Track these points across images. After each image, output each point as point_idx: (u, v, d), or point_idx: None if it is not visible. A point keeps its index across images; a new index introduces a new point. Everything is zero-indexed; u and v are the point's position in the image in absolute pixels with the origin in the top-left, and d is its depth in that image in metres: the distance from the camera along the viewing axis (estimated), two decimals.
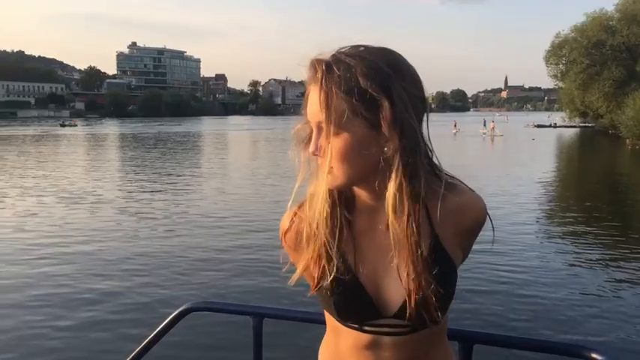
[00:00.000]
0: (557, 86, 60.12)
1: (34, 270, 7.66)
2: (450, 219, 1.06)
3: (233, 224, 10.68)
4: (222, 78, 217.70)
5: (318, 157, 1.02)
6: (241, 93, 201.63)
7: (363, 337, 1.08)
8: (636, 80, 44.57)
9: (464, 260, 1.14)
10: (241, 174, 20.19)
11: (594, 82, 48.29)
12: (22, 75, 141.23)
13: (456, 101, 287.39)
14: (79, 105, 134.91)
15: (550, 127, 68.60)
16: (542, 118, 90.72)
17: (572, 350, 1.37)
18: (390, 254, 1.04)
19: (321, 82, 0.97)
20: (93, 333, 5.58)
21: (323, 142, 1.00)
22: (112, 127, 71.87)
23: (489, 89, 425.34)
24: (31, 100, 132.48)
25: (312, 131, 1.03)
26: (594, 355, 1.30)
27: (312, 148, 1.01)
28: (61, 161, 25.67)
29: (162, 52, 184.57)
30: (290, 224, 1.12)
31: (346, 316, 1.07)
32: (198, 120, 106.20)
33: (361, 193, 1.07)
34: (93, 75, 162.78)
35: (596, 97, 47.84)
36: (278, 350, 4.37)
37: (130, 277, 7.34)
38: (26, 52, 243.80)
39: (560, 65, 53.76)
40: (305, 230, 1.08)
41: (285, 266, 1.13)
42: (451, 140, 41.14)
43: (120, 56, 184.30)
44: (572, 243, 9.63)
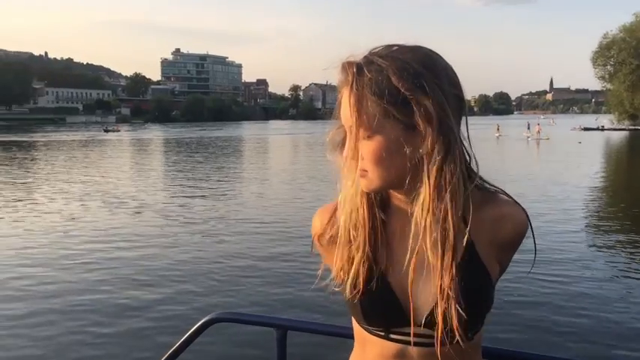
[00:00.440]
0: (605, 88, 58.54)
1: (73, 275, 7.80)
2: (488, 228, 1.01)
3: (270, 231, 10.68)
4: (263, 83, 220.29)
5: (353, 161, 0.98)
6: (282, 97, 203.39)
7: (389, 347, 1.04)
8: None
9: (501, 274, 1.08)
10: (281, 178, 20.28)
11: None
12: (70, 82, 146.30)
13: (499, 104, 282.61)
14: (124, 111, 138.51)
15: (597, 130, 66.48)
16: (590, 120, 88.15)
17: None
18: (423, 259, 0.99)
19: (352, 85, 0.95)
20: (121, 340, 5.64)
21: (357, 145, 0.97)
22: (154, 132, 73.51)
23: (534, 91, 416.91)
24: (79, 106, 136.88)
25: (346, 135, 1.01)
26: None
27: (345, 152, 0.99)
28: (105, 166, 26.34)
29: (204, 58, 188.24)
30: (323, 225, 1.10)
31: (372, 320, 1.04)
32: (239, 125, 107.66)
33: (395, 194, 1.04)
34: (138, 81, 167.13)
35: None
36: None
37: (162, 284, 7.39)
38: (75, 60, 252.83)
39: (608, 66, 52.40)
40: (339, 232, 1.06)
41: (319, 271, 1.10)
42: (494, 144, 40.43)
43: (164, 63, 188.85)
44: (621, 253, 9.24)
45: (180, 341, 1.68)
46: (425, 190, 0.95)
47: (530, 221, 1.05)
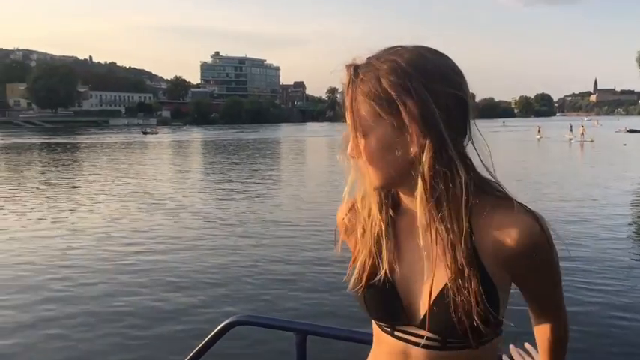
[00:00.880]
0: None
1: (109, 276, 7.94)
2: (494, 235, 0.98)
3: (305, 234, 10.65)
4: (300, 85, 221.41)
5: (360, 160, 1.02)
6: (319, 100, 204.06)
7: (395, 345, 1.06)
8: None
9: (525, 287, 1.06)
10: (317, 181, 20.23)
11: None
12: (113, 85, 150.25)
13: (541, 105, 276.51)
14: (165, 113, 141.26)
15: None
16: (635, 122, 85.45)
17: None
18: (423, 258, 1.02)
19: (348, 86, 0.99)
20: (146, 341, 5.69)
21: (356, 145, 1.01)
22: (192, 135, 74.74)
23: (577, 93, 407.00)
24: (122, 109, 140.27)
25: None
26: None
27: (348, 150, 1.03)
28: (145, 167, 26.88)
29: (243, 61, 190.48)
30: (342, 217, 1.15)
31: (376, 315, 1.08)
32: (276, 127, 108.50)
33: (403, 193, 1.06)
34: (178, 84, 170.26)
35: None
36: None
37: (193, 287, 7.43)
38: (118, 64, 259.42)
39: None
40: (355, 226, 1.11)
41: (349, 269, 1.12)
42: (534, 146, 39.65)
43: (203, 66, 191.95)
44: None
45: (202, 343, 1.71)
46: (419, 190, 0.96)
47: (547, 231, 0.98)
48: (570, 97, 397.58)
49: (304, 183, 20.41)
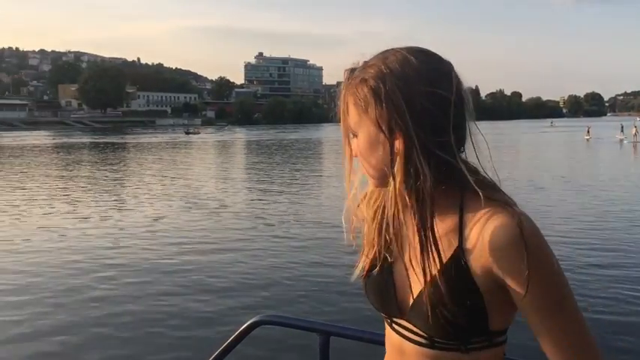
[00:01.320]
0: None
1: (149, 276, 8.07)
2: (475, 237, 0.96)
3: (338, 235, 10.57)
4: None
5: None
6: None
7: (393, 338, 1.09)
8: None
9: (519, 293, 0.94)
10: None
11: None
12: (160, 86, 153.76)
13: (591, 105, 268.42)
14: (209, 113, 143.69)
15: None
16: None
17: None
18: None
19: (343, 89, 1.05)
20: (171, 341, 5.73)
21: (350, 144, 1.09)
22: (235, 135, 75.82)
23: (629, 92, 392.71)
24: (168, 110, 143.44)
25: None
26: None
27: (345, 150, 1.09)
28: (188, 167, 27.39)
29: (286, 61, 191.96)
30: (361, 205, 1.18)
31: (375, 305, 1.12)
32: (318, 126, 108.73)
33: None
34: (223, 85, 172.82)
35: None
36: None
37: (230, 288, 7.47)
38: (165, 65, 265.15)
39: None
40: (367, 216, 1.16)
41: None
42: (583, 147, 38.51)
43: (247, 66, 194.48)
44: None
45: (226, 343, 1.73)
46: (390, 187, 0.99)
47: (529, 237, 0.92)
48: (622, 97, 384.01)
49: (343, 183, 20.32)
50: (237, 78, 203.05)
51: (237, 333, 1.72)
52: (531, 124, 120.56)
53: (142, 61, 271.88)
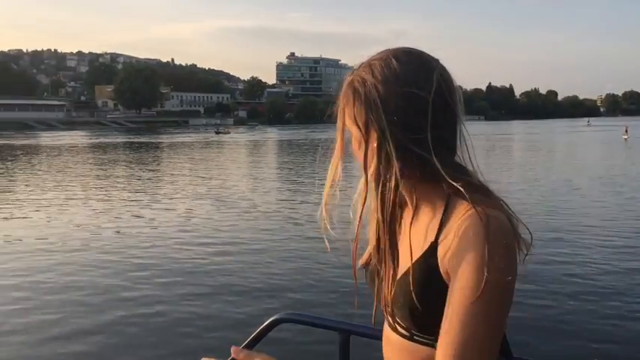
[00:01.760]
0: None
1: (177, 276, 8.17)
2: (449, 233, 0.98)
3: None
4: None
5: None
6: None
7: (386, 327, 1.14)
8: None
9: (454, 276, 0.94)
10: None
11: None
12: (193, 86, 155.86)
13: (629, 104, 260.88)
14: (242, 113, 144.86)
15: None
16: None
17: None
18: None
19: (341, 90, 1.09)
20: (193, 339, 5.73)
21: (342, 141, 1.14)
22: (266, 134, 76.15)
23: None
24: (201, 110, 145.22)
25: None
26: None
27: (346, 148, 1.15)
28: (219, 166, 27.62)
29: (318, 61, 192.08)
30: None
31: (372, 293, 1.17)
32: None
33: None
34: (255, 85, 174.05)
35: None
36: None
37: (257, 289, 7.51)
38: (198, 65, 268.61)
39: None
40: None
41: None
42: (621, 146, 37.45)
43: (279, 66, 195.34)
44: None
45: (248, 340, 1.72)
46: (362, 179, 1.09)
47: (494, 241, 0.91)
48: None
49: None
50: (269, 78, 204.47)
51: (258, 331, 1.72)
52: (567, 123, 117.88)
53: (176, 62, 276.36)
